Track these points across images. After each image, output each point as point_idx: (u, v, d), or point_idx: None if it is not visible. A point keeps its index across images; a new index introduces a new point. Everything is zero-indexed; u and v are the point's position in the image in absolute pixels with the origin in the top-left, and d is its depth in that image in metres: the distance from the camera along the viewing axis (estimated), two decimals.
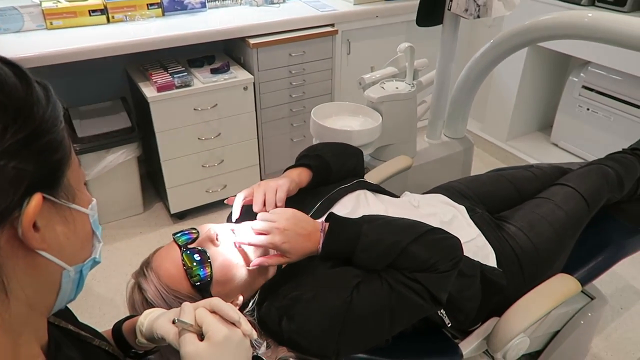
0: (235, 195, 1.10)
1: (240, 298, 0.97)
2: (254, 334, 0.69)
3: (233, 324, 0.67)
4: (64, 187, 0.52)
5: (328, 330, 0.94)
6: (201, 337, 0.66)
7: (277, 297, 0.99)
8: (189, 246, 0.94)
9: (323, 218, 1.09)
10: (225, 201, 1.13)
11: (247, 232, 0.99)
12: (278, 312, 0.96)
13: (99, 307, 2.05)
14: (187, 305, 0.70)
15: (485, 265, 1.18)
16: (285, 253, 0.97)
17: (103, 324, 0.85)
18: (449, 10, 1.71)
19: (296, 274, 1.02)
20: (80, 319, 0.75)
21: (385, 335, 1.00)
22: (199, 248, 0.94)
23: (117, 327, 0.83)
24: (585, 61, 2.64)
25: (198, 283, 0.91)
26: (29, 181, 0.47)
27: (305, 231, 0.98)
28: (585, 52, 2.50)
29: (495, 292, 1.17)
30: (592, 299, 1.59)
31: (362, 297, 0.95)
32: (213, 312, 0.68)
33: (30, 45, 2.04)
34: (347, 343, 0.95)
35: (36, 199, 0.47)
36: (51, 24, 2.21)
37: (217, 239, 0.96)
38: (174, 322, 0.67)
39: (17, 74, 0.49)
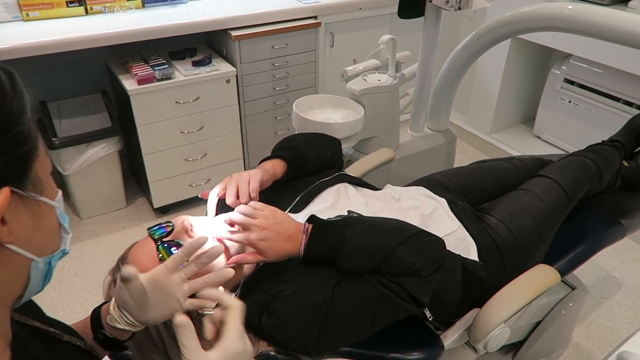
0: (210, 190, 1.08)
1: (221, 289, 0.96)
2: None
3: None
4: (31, 179, 0.51)
5: (307, 327, 0.94)
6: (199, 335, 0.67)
7: (257, 292, 0.99)
8: (164, 239, 0.93)
9: (303, 217, 1.09)
10: (199, 195, 1.10)
11: (224, 225, 0.98)
12: (258, 307, 0.96)
13: (81, 302, 2.03)
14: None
15: (466, 258, 1.19)
16: (263, 252, 0.95)
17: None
18: (430, 2, 1.71)
19: (278, 269, 1.01)
20: (62, 314, 0.74)
21: (367, 333, 0.99)
22: (175, 240, 0.92)
23: (96, 311, 0.82)
24: (567, 54, 2.66)
25: None
26: None
27: (286, 232, 0.96)
28: (567, 45, 2.52)
29: (476, 285, 1.18)
30: (573, 289, 1.61)
31: (343, 295, 0.95)
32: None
33: (6, 36, 1.99)
34: (326, 340, 0.95)
35: (4, 193, 0.47)
36: (27, 15, 2.16)
37: (192, 230, 0.95)
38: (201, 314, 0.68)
39: None
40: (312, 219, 1.00)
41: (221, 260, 0.95)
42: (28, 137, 0.51)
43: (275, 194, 1.20)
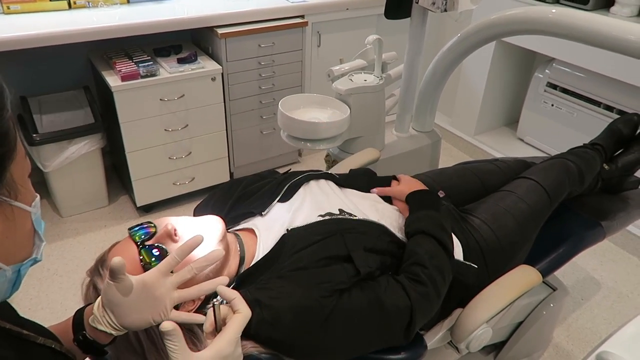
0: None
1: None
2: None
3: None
4: (6, 182, 0.49)
5: (303, 328, 0.93)
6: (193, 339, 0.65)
7: (254, 285, 0.97)
8: (147, 243, 0.90)
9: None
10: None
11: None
12: (252, 298, 0.94)
13: (61, 302, 1.99)
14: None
15: (460, 262, 1.19)
16: None
17: (65, 319, 0.81)
18: (417, 3, 1.71)
19: (279, 264, 1.00)
20: (42, 314, 0.72)
21: (362, 349, 1.00)
22: (158, 244, 0.90)
23: (80, 313, 0.80)
24: (550, 58, 2.70)
25: None
26: None
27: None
28: (550, 49, 2.56)
29: (461, 290, 1.18)
30: (554, 290, 1.63)
31: (348, 304, 0.95)
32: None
33: None
34: (323, 346, 0.95)
35: None
36: (8, 8, 2.11)
37: (175, 234, 0.93)
38: (213, 305, 0.69)
39: None
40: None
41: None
42: (5, 138, 0.48)
43: (256, 188, 1.20)
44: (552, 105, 2.76)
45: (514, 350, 1.67)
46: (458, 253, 1.23)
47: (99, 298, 0.74)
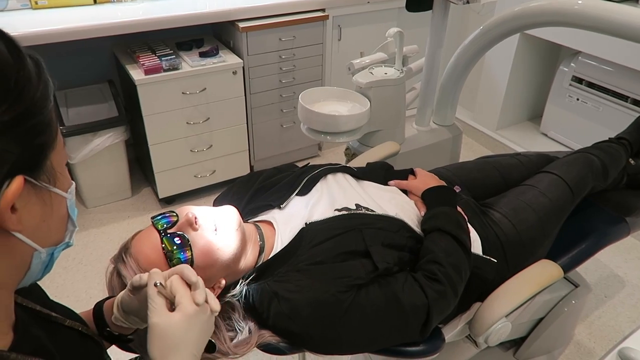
0: None
1: (223, 281, 0.97)
2: (218, 308, 0.70)
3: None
4: (46, 169, 0.51)
5: (320, 321, 0.94)
6: (172, 306, 0.66)
7: (272, 277, 0.99)
8: (169, 231, 0.92)
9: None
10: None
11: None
12: (269, 293, 0.96)
13: (86, 290, 2.05)
14: (156, 272, 0.69)
15: (479, 257, 1.18)
16: None
17: (89, 307, 0.83)
18: None
19: (296, 258, 1.01)
20: (67, 301, 0.74)
21: (379, 343, 1.01)
22: (179, 232, 0.92)
23: (99, 306, 0.83)
24: (576, 51, 2.64)
25: None
26: (12, 163, 0.46)
27: None
28: (576, 42, 2.50)
29: (480, 285, 1.17)
30: (576, 286, 1.61)
31: (366, 299, 0.96)
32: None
33: (14, 24, 2.00)
34: (339, 340, 0.96)
35: (17, 181, 0.46)
36: (36, 3, 2.16)
37: (196, 222, 0.94)
38: (155, 285, 0.67)
39: (10, 49, 0.47)
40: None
41: (221, 252, 0.95)
42: (48, 127, 0.50)
43: (274, 181, 1.22)
44: (578, 99, 2.71)
45: (534, 346, 1.65)
46: (477, 247, 1.22)
47: (117, 297, 0.77)
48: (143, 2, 2.35)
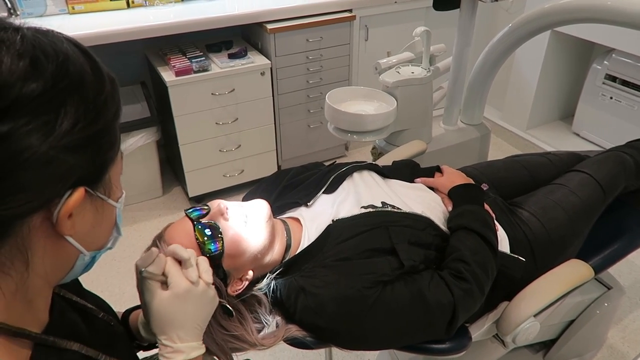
0: None
1: (250, 273, 0.99)
2: (210, 281, 0.75)
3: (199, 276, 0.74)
4: (104, 182, 0.54)
5: (346, 317, 0.95)
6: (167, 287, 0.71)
7: (299, 272, 1.00)
8: (202, 220, 0.95)
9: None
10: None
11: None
12: (296, 287, 0.97)
13: (119, 286, 2.11)
14: (160, 256, 0.74)
15: (506, 255, 1.18)
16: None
17: (122, 303, 0.87)
18: None
19: (323, 254, 1.02)
20: (100, 296, 0.78)
21: (403, 340, 1.02)
22: (211, 222, 0.95)
23: (125, 315, 0.88)
24: (609, 48, 2.57)
25: (210, 255, 0.92)
26: (78, 176, 0.49)
27: None
28: (609, 39, 2.44)
29: (508, 284, 1.16)
30: (608, 288, 1.57)
31: (392, 295, 0.96)
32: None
33: (53, 29, 2.07)
34: (364, 336, 0.97)
35: (79, 193, 0.49)
36: (73, 8, 2.25)
37: (227, 213, 0.97)
38: (140, 273, 0.72)
39: (94, 70, 0.50)
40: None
41: (250, 242, 0.98)
42: (115, 144, 0.53)
43: (302, 179, 1.23)
44: (611, 98, 2.64)
45: (565, 349, 1.62)
46: (505, 246, 1.21)
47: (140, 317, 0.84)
48: (174, 5, 2.41)
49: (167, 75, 2.20)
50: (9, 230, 0.47)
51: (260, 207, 1.02)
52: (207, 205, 0.99)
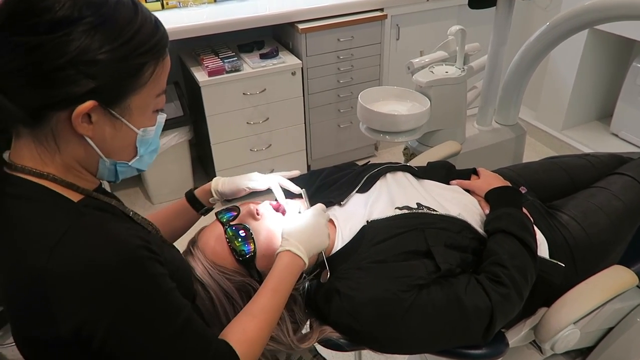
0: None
1: None
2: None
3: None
4: (123, 106, 0.66)
5: (382, 320, 0.94)
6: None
7: (334, 274, 1.00)
8: (232, 223, 0.96)
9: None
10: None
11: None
12: (332, 287, 0.97)
13: None
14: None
15: (546, 260, 1.15)
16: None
17: None
18: None
19: (358, 255, 1.02)
20: None
21: (441, 346, 1.00)
22: (242, 224, 0.96)
23: (191, 192, 1.10)
24: None
25: (242, 258, 0.93)
26: (90, 88, 0.61)
27: None
28: None
29: (547, 290, 1.13)
30: None
31: (427, 299, 0.95)
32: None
33: None
34: (399, 339, 0.96)
35: (90, 103, 0.62)
36: None
37: (257, 213, 0.98)
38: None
39: (133, 2, 0.65)
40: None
41: None
42: (135, 76, 0.65)
43: (335, 178, 1.23)
44: None
45: (603, 357, 1.57)
46: (544, 250, 1.18)
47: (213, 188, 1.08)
48: (207, 6, 2.44)
49: (200, 76, 2.22)
50: (43, 118, 0.62)
51: (295, 202, 1.03)
52: (237, 207, 1.01)
